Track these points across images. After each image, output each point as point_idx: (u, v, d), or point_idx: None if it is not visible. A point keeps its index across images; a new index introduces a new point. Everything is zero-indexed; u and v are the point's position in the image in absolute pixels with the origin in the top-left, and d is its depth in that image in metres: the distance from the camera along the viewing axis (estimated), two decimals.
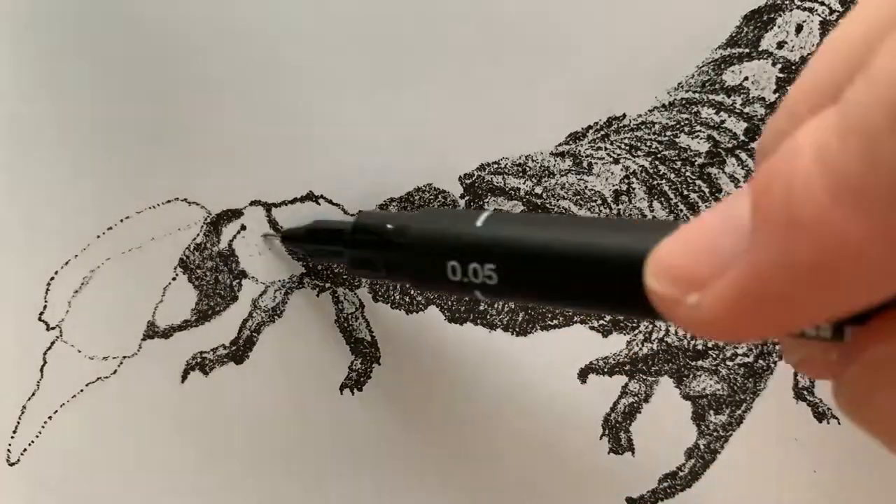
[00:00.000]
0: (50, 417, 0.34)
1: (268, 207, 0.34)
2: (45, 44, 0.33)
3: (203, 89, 0.34)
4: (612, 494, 0.35)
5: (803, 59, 0.34)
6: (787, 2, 0.34)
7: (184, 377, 0.35)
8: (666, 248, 0.17)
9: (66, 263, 0.34)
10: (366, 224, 0.30)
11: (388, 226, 0.29)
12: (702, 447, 0.34)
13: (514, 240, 0.24)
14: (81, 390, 0.34)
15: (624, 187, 0.34)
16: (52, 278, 0.34)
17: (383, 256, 0.29)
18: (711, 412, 0.34)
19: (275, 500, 0.35)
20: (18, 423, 0.34)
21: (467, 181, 0.34)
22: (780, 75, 0.34)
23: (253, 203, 0.34)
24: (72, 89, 0.34)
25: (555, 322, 0.34)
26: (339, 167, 0.34)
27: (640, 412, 0.34)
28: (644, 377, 0.34)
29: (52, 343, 0.34)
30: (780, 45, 0.34)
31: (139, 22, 0.33)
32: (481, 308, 0.34)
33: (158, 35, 0.34)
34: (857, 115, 0.13)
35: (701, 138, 0.34)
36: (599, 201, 0.34)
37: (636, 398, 0.34)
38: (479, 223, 0.26)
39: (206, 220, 0.34)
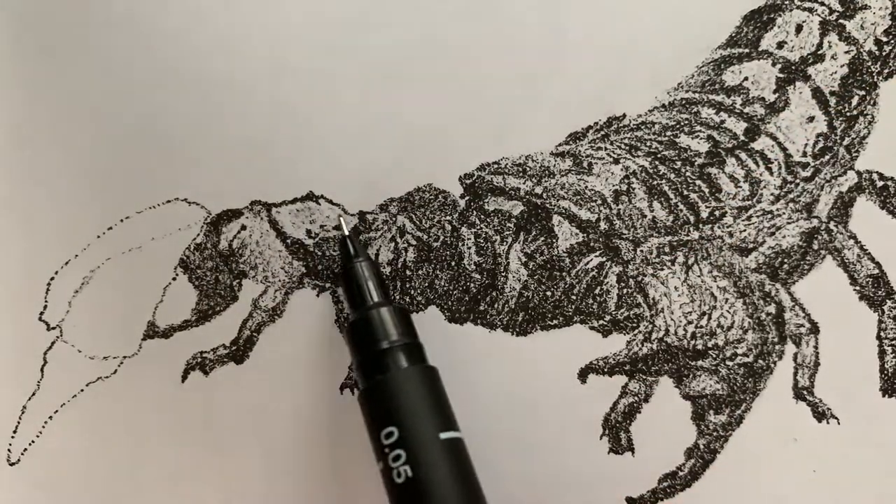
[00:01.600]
0: (50, 417, 0.34)
1: (268, 207, 0.34)
2: (45, 44, 0.33)
3: (203, 90, 0.34)
4: (612, 494, 0.35)
5: (803, 60, 0.34)
6: (787, 2, 0.34)
7: (184, 377, 0.35)
8: None
9: (66, 263, 0.34)
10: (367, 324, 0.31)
11: (384, 345, 0.30)
12: (702, 447, 0.34)
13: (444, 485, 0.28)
14: (81, 390, 0.34)
15: (624, 187, 0.34)
16: (52, 278, 0.34)
17: (359, 359, 0.31)
18: (711, 412, 0.34)
19: (275, 500, 0.35)
20: (18, 423, 0.34)
21: (467, 181, 0.34)
22: (780, 75, 0.34)
23: (253, 203, 0.34)
24: (72, 89, 0.34)
25: (555, 322, 0.34)
26: (339, 167, 0.34)
27: (640, 412, 0.34)
28: (644, 377, 0.34)
29: (52, 343, 0.34)
30: (780, 45, 0.34)
31: (139, 22, 0.33)
32: (481, 308, 0.34)
33: (159, 35, 0.34)
34: None
35: (701, 138, 0.34)
36: (599, 201, 0.34)
37: (636, 398, 0.34)
38: (442, 436, 0.28)
39: (206, 220, 0.34)
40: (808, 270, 0.34)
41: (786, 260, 0.34)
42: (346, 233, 0.33)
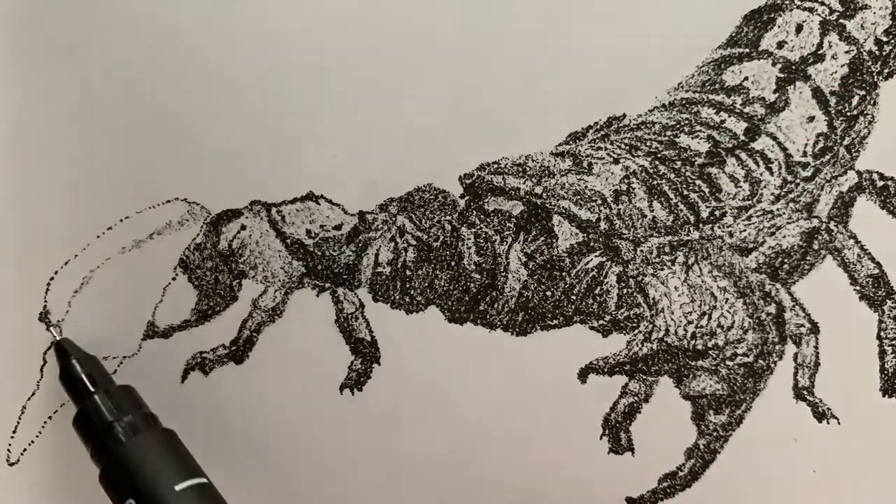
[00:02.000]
0: (50, 417, 0.34)
1: (268, 207, 0.34)
2: (45, 44, 0.33)
3: (203, 89, 0.34)
4: (612, 494, 0.35)
5: (803, 59, 0.34)
6: (787, 2, 0.34)
7: (184, 377, 0.35)
8: None
9: (66, 263, 0.34)
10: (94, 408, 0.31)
11: (106, 425, 0.31)
12: (702, 447, 0.34)
13: None
14: None
15: (624, 187, 0.34)
16: (52, 278, 0.34)
17: (90, 448, 0.31)
18: (711, 412, 0.34)
19: (274, 500, 0.35)
20: (18, 423, 0.34)
21: (467, 181, 0.34)
22: (780, 75, 0.34)
23: (253, 203, 0.34)
24: (72, 90, 0.34)
25: (555, 322, 0.34)
26: (339, 167, 0.34)
27: (640, 412, 0.34)
28: (644, 377, 0.34)
29: (52, 343, 0.34)
30: (780, 45, 0.34)
31: (139, 23, 0.33)
32: (481, 308, 0.34)
33: (159, 35, 0.34)
34: None
35: (701, 138, 0.34)
36: (599, 201, 0.34)
37: (636, 398, 0.34)
38: (178, 487, 0.29)
39: (206, 220, 0.34)
40: (809, 270, 0.34)
41: (786, 260, 0.34)
42: (57, 337, 0.34)
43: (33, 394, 0.34)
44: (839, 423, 0.34)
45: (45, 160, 0.34)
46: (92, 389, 0.32)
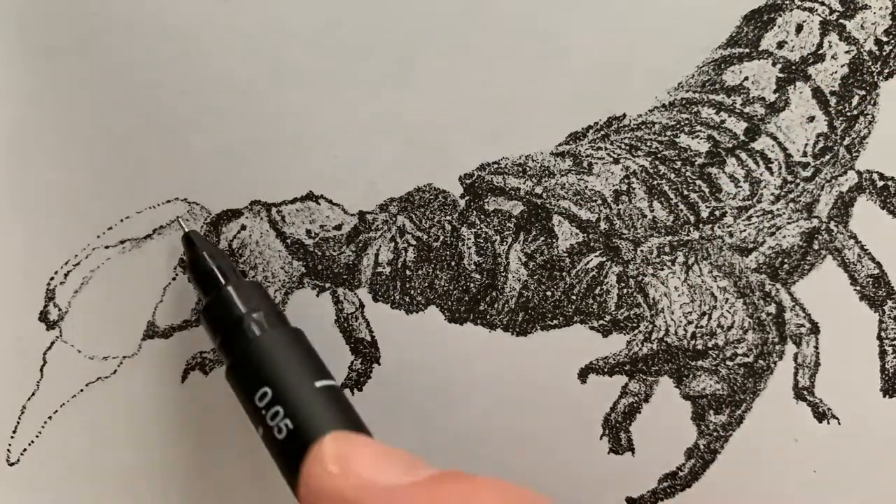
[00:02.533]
0: (50, 417, 0.34)
1: (268, 207, 0.34)
2: (45, 44, 0.33)
3: (203, 89, 0.34)
4: (612, 494, 0.35)
5: (803, 59, 0.34)
6: (787, 2, 0.34)
7: (184, 377, 0.35)
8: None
9: (66, 263, 0.34)
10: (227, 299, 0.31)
11: (239, 316, 0.30)
12: (702, 447, 0.34)
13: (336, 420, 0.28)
14: (81, 390, 0.34)
15: (624, 187, 0.34)
16: (52, 278, 0.34)
17: (219, 339, 0.31)
18: (711, 412, 0.34)
19: (274, 501, 0.35)
20: (18, 423, 0.34)
21: (467, 181, 0.34)
22: (780, 75, 0.34)
23: (253, 203, 0.34)
24: (72, 90, 0.34)
25: (555, 322, 0.34)
26: (339, 167, 0.34)
27: (640, 412, 0.34)
28: (644, 377, 0.34)
29: (52, 343, 0.34)
30: (780, 45, 0.34)
31: (139, 22, 0.33)
32: (481, 308, 0.34)
33: (158, 35, 0.34)
34: None
35: (701, 138, 0.34)
36: (599, 201, 0.34)
37: (636, 398, 0.34)
38: (317, 384, 0.28)
39: (206, 220, 0.34)
40: (809, 270, 0.34)
41: (786, 260, 0.34)
42: (186, 230, 0.33)
43: (33, 394, 0.34)
44: (839, 424, 0.34)
45: (45, 160, 0.34)
46: (223, 282, 0.31)
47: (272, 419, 0.28)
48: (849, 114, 0.34)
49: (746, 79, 0.34)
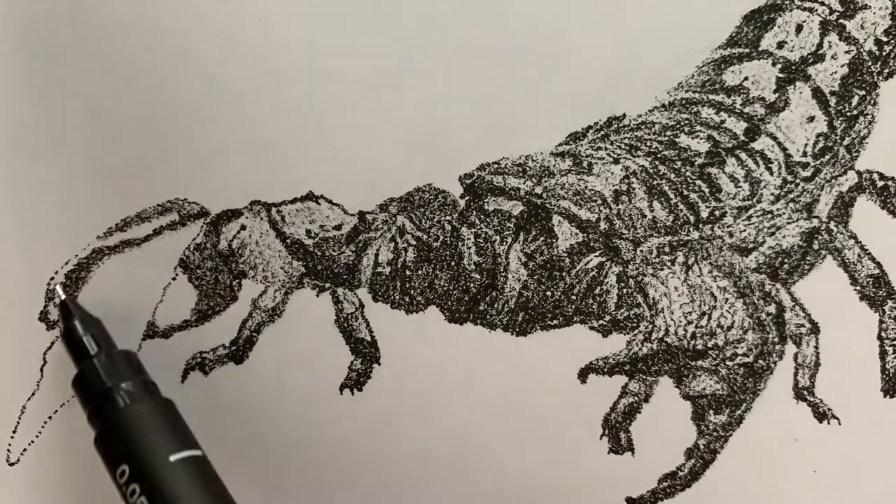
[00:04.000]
0: (50, 417, 0.34)
1: (268, 207, 0.34)
2: (44, 44, 0.33)
3: (202, 89, 0.34)
4: (612, 494, 0.35)
5: (803, 59, 0.34)
6: (787, 2, 0.34)
7: (184, 377, 0.35)
8: None
9: (66, 263, 0.34)
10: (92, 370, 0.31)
11: (106, 388, 0.30)
12: (702, 447, 0.34)
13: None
14: None
15: (624, 187, 0.34)
16: (52, 278, 0.34)
17: (88, 409, 0.31)
18: (711, 412, 0.34)
19: (274, 500, 0.35)
20: (18, 423, 0.34)
21: (467, 181, 0.34)
22: (780, 75, 0.34)
23: (253, 203, 0.34)
24: (72, 90, 0.34)
25: (555, 322, 0.34)
26: (339, 167, 0.34)
27: (640, 412, 0.34)
28: (644, 377, 0.34)
29: (52, 343, 0.34)
30: (780, 45, 0.34)
31: (138, 22, 0.34)
32: (481, 308, 0.34)
33: (158, 36, 0.34)
34: None
35: (701, 138, 0.34)
36: (599, 201, 0.34)
37: (636, 398, 0.34)
38: (173, 458, 0.28)
39: (206, 220, 0.34)
40: (809, 270, 0.34)
41: (786, 260, 0.34)
42: (63, 297, 0.33)
43: (33, 394, 0.34)
44: (840, 424, 0.34)
45: (45, 160, 0.34)
46: (93, 352, 0.31)
47: (131, 496, 0.28)
48: (849, 114, 0.34)
49: (746, 79, 0.34)
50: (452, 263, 0.34)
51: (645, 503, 0.35)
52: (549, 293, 0.34)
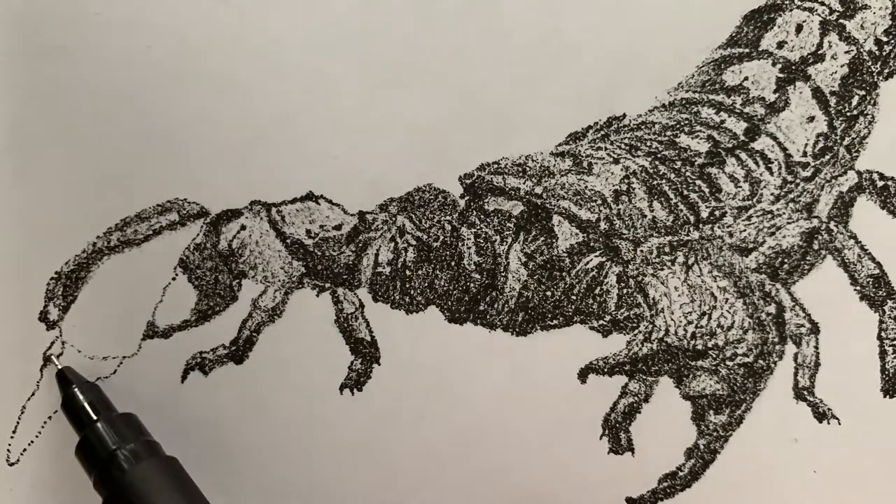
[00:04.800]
0: (49, 417, 0.34)
1: (268, 207, 0.34)
2: (45, 44, 0.33)
3: (203, 89, 0.34)
4: (612, 494, 0.35)
5: (803, 59, 0.34)
6: (787, 2, 0.34)
7: (184, 377, 0.35)
8: None
9: (66, 263, 0.34)
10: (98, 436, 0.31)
11: (111, 452, 0.31)
12: (702, 447, 0.34)
13: None
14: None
15: (624, 187, 0.34)
16: (52, 278, 0.34)
17: (94, 475, 0.31)
18: (711, 412, 0.34)
19: (274, 500, 0.35)
20: (18, 423, 0.34)
21: (467, 181, 0.34)
22: (780, 75, 0.34)
23: (253, 203, 0.34)
24: (72, 90, 0.34)
25: (555, 322, 0.34)
26: (339, 167, 0.34)
27: (640, 412, 0.34)
28: (644, 377, 0.34)
29: (52, 343, 0.34)
30: (780, 45, 0.34)
31: (139, 22, 0.34)
32: (481, 308, 0.34)
33: (158, 36, 0.34)
34: None
35: (701, 138, 0.34)
36: (599, 201, 0.34)
37: (636, 398, 0.34)
38: None
39: (206, 220, 0.34)
40: (809, 270, 0.34)
41: (786, 260, 0.34)
42: (59, 366, 0.34)
43: (33, 394, 0.34)
44: (839, 424, 0.34)
45: (44, 160, 0.34)
46: (94, 417, 0.32)
47: None
48: (849, 114, 0.34)
49: (746, 79, 0.34)
50: (452, 263, 0.34)
51: (645, 503, 0.35)
52: (549, 293, 0.34)
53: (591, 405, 0.34)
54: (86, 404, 0.32)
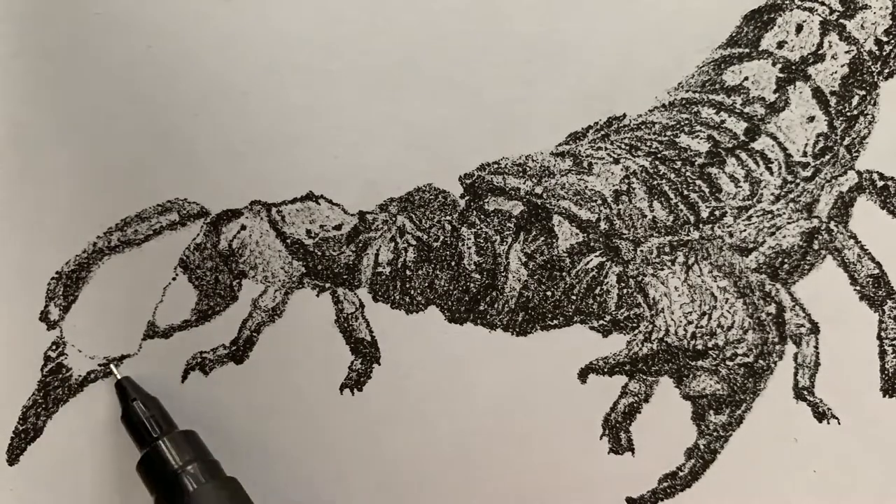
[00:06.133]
0: (50, 417, 0.34)
1: (268, 207, 0.34)
2: (45, 44, 0.33)
3: (203, 89, 0.34)
4: (612, 494, 0.35)
5: (803, 59, 0.34)
6: (787, 2, 0.34)
7: (184, 377, 0.35)
8: None
9: (66, 263, 0.34)
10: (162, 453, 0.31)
11: (175, 470, 0.31)
12: (702, 447, 0.34)
13: None
14: (81, 390, 0.34)
15: (624, 187, 0.34)
16: (53, 278, 0.34)
17: (157, 493, 0.31)
18: (711, 412, 0.34)
19: (274, 500, 0.35)
20: (18, 423, 0.34)
21: (467, 181, 0.34)
22: (780, 75, 0.34)
23: (253, 203, 0.34)
24: (72, 90, 0.34)
25: (555, 322, 0.34)
26: (339, 167, 0.34)
27: (640, 412, 0.34)
28: (644, 377, 0.34)
29: (52, 343, 0.34)
30: (780, 45, 0.34)
31: (139, 23, 0.34)
32: (481, 308, 0.34)
33: (158, 36, 0.34)
34: None
35: (701, 138, 0.34)
36: (599, 201, 0.34)
37: (636, 398, 0.34)
38: None
39: (206, 220, 0.34)
40: (809, 270, 0.34)
41: (786, 260, 0.34)
42: (119, 377, 0.34)
43: (33, 394, 0.34)
44: (839, 424, 0.34)
45: (45, 160, 0.34)
46: (156, 434, 0.32)
47: None
48: (849, 114, 0.34)
49: (746, 79, 0.34)
50: (452, 263, 0.34)
51: (645, 503, 0.35)
52: (549, 293, 0.34)
53: (591, 405, 0.34)
54: (148, 419, 0.32)
